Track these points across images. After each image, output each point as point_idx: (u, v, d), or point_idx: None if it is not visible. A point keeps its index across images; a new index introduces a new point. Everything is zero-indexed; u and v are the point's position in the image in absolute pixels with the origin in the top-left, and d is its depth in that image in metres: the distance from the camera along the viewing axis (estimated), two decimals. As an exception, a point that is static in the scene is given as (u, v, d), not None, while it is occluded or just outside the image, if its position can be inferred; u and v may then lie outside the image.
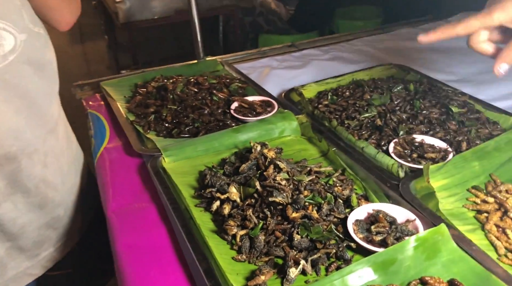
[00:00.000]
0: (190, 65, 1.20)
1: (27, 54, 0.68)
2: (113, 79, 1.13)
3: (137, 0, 2.21)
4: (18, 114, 0.69)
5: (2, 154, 0.68)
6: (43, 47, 0.73)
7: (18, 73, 0.68)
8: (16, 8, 0.66)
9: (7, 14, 0.65)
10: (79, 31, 4.94)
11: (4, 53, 0.65)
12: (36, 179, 0.74)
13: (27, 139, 0.71)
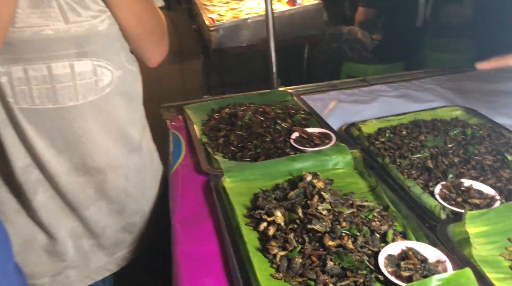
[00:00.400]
0: (262, 94, 1.31)
1: (120, 88, 0.83)
2: (195, 103, 1.28)
3: (228, 29, 2.40)
4: (108, 136, 0.84)
5: (93, 167, 0.83)
6: (134, 81, 0.88)
7: (111, 102, 0.83)
8: (116, 50, 0.82)
9: (107, 55, 0.80)
10: (180, 52, 5.40)
11: (102, 86, 0.80)
12: (118, 190, 0.89)
13: (113, 156, 0.85)
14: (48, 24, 0.72)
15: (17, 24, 0.70)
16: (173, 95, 4.24)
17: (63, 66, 0.75)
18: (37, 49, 0.73)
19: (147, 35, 0.85)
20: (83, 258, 0.90)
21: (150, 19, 0.84)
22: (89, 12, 0.76)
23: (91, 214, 0.87)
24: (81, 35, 0.75)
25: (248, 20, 2.40)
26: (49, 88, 0.75)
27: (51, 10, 0.72)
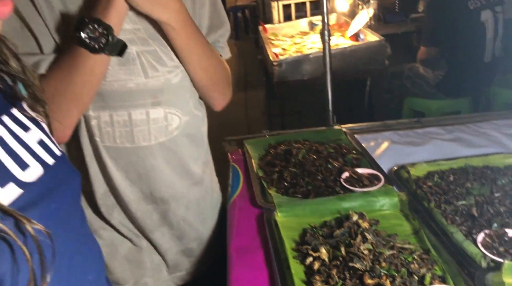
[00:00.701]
0: (317, 132, 1.38)
1: (186, 130, 0.96)
2: (254, 138, 1.38)
3: (290, 64, 2.52)
4: (173, 171, 0.96)
5: (159, 197, 0.96)
6: (200, 125, 1.01)
7: (178, 143, 0.95)
8: (185, 99, 0.95)
9: (178, 103, 0.93)
10: (245, 79, 5.63)
11: (171, 130, 0.93)
12: (179, 218, 1.00)
13: (176, 188, 0.97)
14: (131, 79, 0.86)
15: (107, 78, 0.84)
16: (237, 121, 4.43)
17: (141, 113, 0.89)
18: (121, 99, 0.87)
19: (214, 86, 0.98)
20: (155, 269, 1.03)
21: (217, 72, 0.97)
22: (165, 68, 0.89)
23: (155, 237, 1.00)
24: (157, 87, 0.89)
25: (310, 56, 2.50)
26: (128, 131, 0.89)
27: (134, 67, 0.86)
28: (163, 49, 0.88)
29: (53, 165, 0.51)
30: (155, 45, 0.87)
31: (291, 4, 3.97)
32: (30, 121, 0.52)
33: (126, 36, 0.83)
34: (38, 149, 0.50)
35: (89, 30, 0.73)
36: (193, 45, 0.88)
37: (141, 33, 0.86)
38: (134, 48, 0.85)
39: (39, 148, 0.50)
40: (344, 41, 2.89)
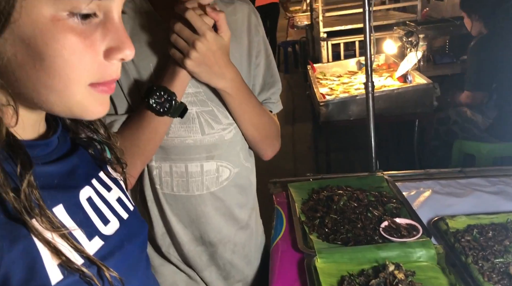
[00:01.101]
0: (360, 178, 1.43)
1: (235, 181, 1.05)
2: (298, 182, 1.46)
3: (337, 105, 2.59)
4: (221, 217, 1.05)
5: (208, 241, 1.05)
6: (249, 175, 1.10)
7: (227, 192, 1.04)
8: (236, 152, 1.04)
9: (229, 157, 1.03)
10: (293, 113, 5.74)
11: (221, 181, 1.03)
12: (225, 260, 1.09)
13: (224, 233, 1.06)
14: (190, 136, 0.97)
15: (169, 134, 0.96)
16: (284, 156, 4.50)
17: (196, 166, 0.99)
18: (180, 152, 0.98)
19: (264, 140, 1.07)
20: None
21: (266, 128, 1.06)
22: (220, 125, 1.00)
23: (205, 275, 1.09)
24: (212, 143, 0.99)
25: (357, 97, 2.56)
26: (184, 181, 1.00)
27: (193, 125, 0.97)
28: (219, 108, 0.98)
29: (127, 219, 0.61)
30: (213, 106, 0.98)
31: (340, 43, 4.07)
32: (111, 181, 0.63)
33: (188, 99, 0.94)
34: (116, 206, 0.61)
35: (156, 96, 0.84)
36: (245, 107, 0.98)
37: (201, 96, 0.96)
38: (194, 109, 0.96)
39: (117, 205, 0.61)
40: (392, 82, 2.93)
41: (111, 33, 0.48)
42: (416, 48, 2.75)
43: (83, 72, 0.47)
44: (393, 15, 4.34)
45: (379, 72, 3.19)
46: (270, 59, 1.07)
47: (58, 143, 0.56)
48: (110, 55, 0.49)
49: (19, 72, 0.45)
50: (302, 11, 7.75)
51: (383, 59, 3.40)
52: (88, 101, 0.49)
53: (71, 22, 0.45)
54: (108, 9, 0.48)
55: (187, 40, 0.83)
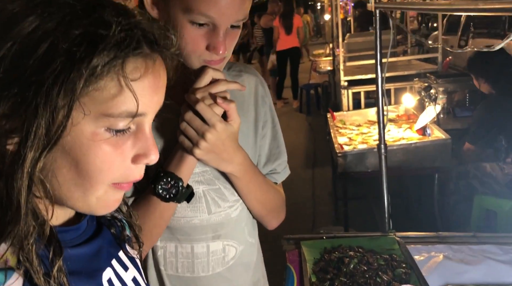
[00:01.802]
0: (372, 238, 1.46)
1: (241, 259, 1.03)
2: (311, 239, 1.49)
3: (355, 156, 2.63)
4: None
5: None
6: (253, 251, 1.08)
7: (233, 272, 1.02)
8: (241, 229, 1.03)
9: (235, 235, 1.02)
10: (313, 156, 5.77)
11: (227, 260, 1.01)
12: None
13: None
14: (196, 215, 0.95)
15: (175, 214, 0.94)
16: (304, 200, 4.50)
17: (202, 247, 0.97)
18: (186, 233, 0.96)
19: (269, 213, 1.07)
20: None
21: (272, 202, 1.05)
22: (227, 203, 0.98)
23: None
24: (218, 222, 0.97)
25: (374, 149, 2.59)
26: (190, 262, 0.98)
27: (200, 205, 0.95)
28: (226, 186, 0.97)
29: None
30: (219, 184, 0.96)
31: (360, 92, 4.14)
32: (129, 260, 0.67)
33: (195, 178, 0.93)
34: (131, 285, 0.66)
35: (163, 182, 0.83)
36: (252, 186, 0.98)
37: (208, 174, 0.95)
38: (201, 187, 0.95)
39: (132, 285, 0.66)
40: (411, 134, 2.95)
41: (141, 142, 0.55)
42: (434, 102, 2.79)
43: (110, 175, 0.54)
44: (415, 65, 4.41)
45: (399, 123, 3.23)
46: (276, 129, 1.07)
47: (87, 226, 0.62)
48: (137, 160, 0.55)
49: (56, 173, 0.52)
50: (325, 55, 7.95)
51: (403, 110, 3.43)
52: (106, 197, 0.55)
53: (106, 135, 0.51)
54: (141, 122, 0.54)
55: (197, 130, 0.83)
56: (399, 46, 6.10)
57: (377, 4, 1.44)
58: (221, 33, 0.82)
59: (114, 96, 0.50)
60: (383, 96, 1.52)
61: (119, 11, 0.52)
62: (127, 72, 0.50)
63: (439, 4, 1.16)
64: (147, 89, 0.53)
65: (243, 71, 1.02)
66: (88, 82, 0.48)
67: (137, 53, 0.51)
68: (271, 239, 1.33)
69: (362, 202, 3.80)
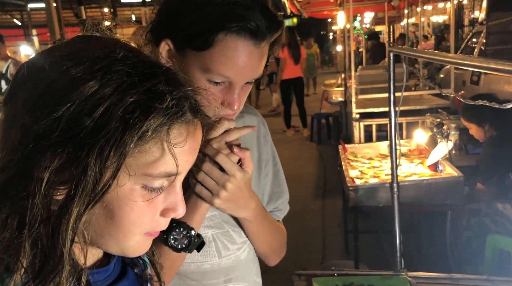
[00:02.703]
0: (383, 277, 1.46)
1: None
2: (322, 276, 1.50)
3: (366, 190, 2.64)
4: None
5: None
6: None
7: None
8: (250, 269, 1.03)
9: (245, 276, 1.00)
10: (324, 186, 5.76)
11: None
12: None
13: None
14: (207, 260, 0.96)
15: (186, 260, 0.94)
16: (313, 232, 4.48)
17: None
18: (197, 278, 0.96)
19: (273, 252, 1.08)
20: None
21: (277, 242, 1.08)
22: (235, 245, 0.99)
23: None
24: (229, 265, 0.98)
25: (386, 184, 2.60)
26: None
27: (210, 249, 0.96)
28: (235, 228, 0.99)
29: None
30: (228, 227, 0.98)
31: (372, 125, 4.17)
32: None
33: (204, 224, 0.94)
34: None
35: (175, 233, 0.82)
36: (262, 228, 1.00)
37: (217, 218, 0.97)
38: (210, 232, 0.96)
39: None
40: (423, 169, 2.96)
41: (171, 197, 0.58)
42: (447, 138, 2.81)
43: (141, 227, 0.57)
44: (427, 100, 4.45)
45: (411, 158, 3.24)
46: (278, 167, 1.09)
47: (114, 267, 0.65)
48: (166, 214, 0.59)
49: (94, 224, 0.55)
50: (336, 85, 8.03)
51: (414, 145, 3.45)
52: (138, 245, 0.59)
53: (143, 192, 0.55)
54: (177, 178, 0.57)
55: (217, 180, 0.84)
56: (411, 79, 6.17)
57: (391, 48, 1.50)
58: (237, 91, 0.85)
59: (157, 159, 0.53)
60: (396, 131, 1.55)
61: (169, 79, 0.55)
62: (171, 138, 0.54)
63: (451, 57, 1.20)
64: (186, 151, 0.56)
65: (244, 112, 1.03)
66: (135, 145, 0.52)
67: (182, 120, 0.55)
68: (280, 272, 1.32)
69: (372, 236, 3.77)
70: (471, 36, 6.86)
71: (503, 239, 2.61)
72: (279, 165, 1.10)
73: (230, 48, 0.81)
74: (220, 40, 0.80)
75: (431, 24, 15.14)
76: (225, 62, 0.82)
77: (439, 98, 4.44)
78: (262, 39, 0.83)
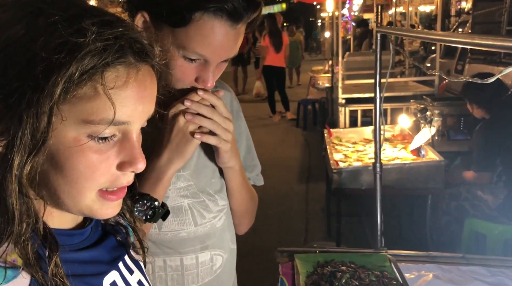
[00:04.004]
0: (364, 254, 1.49)
1: (227, 267, 1.07)
2: (304, 253, 1.52)
3: (349, 173, 2.67)
4: None
5: None
6: (234, 259, 1.12)
7: (220, 281, 1.05)
8: (225, 237, 1.05)
9: (220, 244, 1.04)
10: (308, 171, 5.81)
11: (215, 269, 1.04)
12: None
13: None
14: (183, 228, 0.98)
15: (162, 229, 0.96)
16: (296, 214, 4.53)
17: (191, 258, 0.99)
18: (174, 246, 0.98)
19: (247, 214, 1.12)
20: None
21: (252, 201, 1.11)
22: (211, 214, 1.01)
23: None
24: (205, 233, 1.00)
25: (369, 167, 2.63)
26: (179, 274, 0.99)
27: (186, 218, 0.98)
28: (210, 198, 1.01)
29: None
30: (203, 196, 1.00)
31: (358, 110, 4.20)
32: (134, 264, 0.70)
33: (180, 193, 0.97)
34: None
35: (138, 205, 0.81)
36: (243, 184, 1.04)
37: (192, 188, 0.98)
38: (186, 201, 0.98)
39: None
40: (406, 154, 3.00)
41: (127, 150, 0.56)
42: (430, 124, 2.85)
43: (95, 182, 0.55)
44: (412, 87, 4.49)
45: (394, 143, 3.28)
46: (250, 142, 1.13)
47: (91, 232, 0.65)
48: (123, 168, 0.56)
49: (45, 178, 0.54)
50: (324, 71, 8.04)
51: (398, 130, 3.49)
52: (96, 206, 0.57)
53: (89, 142, 0.53)
54: (127, 130, 0.55)
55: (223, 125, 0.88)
56: (397, 67, 6.21)
57: (378, 28, 1.50)
58: (211, 69, 0.87)
59: (93, 104, 0.51)
60: (380, 115, 1.56)
61: (103, 20, 0.52)
62: (108, 81, 0.51)
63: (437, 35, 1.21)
64: (131, 98, 0.54)
65: (218, 87, 1.03)
66: (67, 90, 0.49)
67: (119, 62, 0.52)
68: (264, 253, 1.33)
69: (354, 219, 3.83)
70: (457, 26, 6.92)
71: (480, 222, 2.68)
72: (251, 141, 1.14)
73: (206, 28, 0.81)
74: (197, 19, 0.81)
75: (418, 14, 15.18)
76: (201, 41, 0.82)
77: (423, 86, 4.49)
78: (239, 20, 0.83)
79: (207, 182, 1.01)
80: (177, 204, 0.98)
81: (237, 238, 1.15)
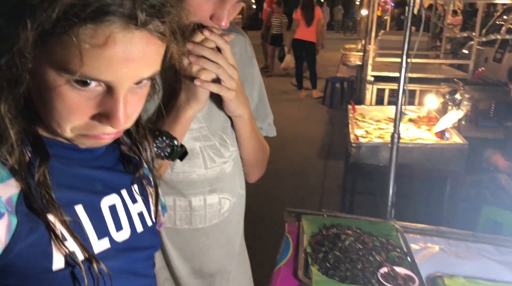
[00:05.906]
0: (371, 222, 1.48)
1: (235, 211, 1.09)
2: (311, 215, 1.52)
3: (369, 148, 2.64)
4: (221, 248, 1.08)
5: (207, 272, 1.07)
6: (243, 202, 1.13)
7: (228, 223, 1.08)
8: (234, 182, 1.07)
9: (229, 188, 1.06)
10: (328, 148, 5.77)
11: (223, 212, 1.06)
12: None
13: (222, 263, 1.09)
14: (194, 170, 1.00)
15: (173, 169, 0.98)
16: (311, 190, 4.53)
17: (199, 200, 1.02)
18: (184, 187, 1.00)
19: (257, 163, 1.13)
20: None
21: (262, 151, 1.12)
22: (222, 159, 1.02)
23: None
24: (214, 177, 1.02)
25: (389, 145, 2.59)
26: (188, 214, 1.02)
27: (197, 160, 1.00)
28: (222, 142, 1.02)
29: (140, 233, 0.70)
30: (215, 140, 1.01)
31: (385, 89, 4.11)
32: (140, 196, 0.72)
33: (192, 135, 0.98)
34: (135, 218, 0.70)
35: (158, 141, 0.82)
36: (253, 133, 1.04)
37: (204, 131, 0.99)
38: (198, 144, 0.99)
39: (136, 218, 0.70)
40: (429, 135, 2.94)
41: (107, 104, 0.57)
42: (458, 107, 2.76)
43: (69, 123, 0.58)
44: (445, 70, 4.35)
45: (418, 124, 3.21)
46: (263, 91, 1.12)
47: (103, 153, 0.67)
48: (100, 119, 0.58)
49: (36, 101, 0.59)
50: (356, 50, 7.87)
51: (425, 112, 3.41)
52: (77, 141, 0.61)
53: (67, 85, 0.55)
54: (112, 85, 0.56)
55: (228, 71, 0.87)
56: (433, 50, 6.01)
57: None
58: (228, 6, 0.85)
59: (67, 54, 0.53)
60: (404, 84, 1.52)
61: None
62: (84, 36, 0.52)
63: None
64: (110, 59, 0.53)
65: (232, 30, 0.99)
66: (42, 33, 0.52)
67: (99, 21, 0.52)
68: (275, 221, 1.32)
69: (370, 197, 3.81)
70: (501, 13, 6.60)
71: (497, 211, 2.62)
72: (264, 90, 1.13)
73: None
74: None
75: (462, 0, 14.56)
76: None
77: (457, 70, 4.34)
78: None
79: (219, 125, 1.02)
80: (189, 147, 0.98)
81: (250, 207, 1.15)
